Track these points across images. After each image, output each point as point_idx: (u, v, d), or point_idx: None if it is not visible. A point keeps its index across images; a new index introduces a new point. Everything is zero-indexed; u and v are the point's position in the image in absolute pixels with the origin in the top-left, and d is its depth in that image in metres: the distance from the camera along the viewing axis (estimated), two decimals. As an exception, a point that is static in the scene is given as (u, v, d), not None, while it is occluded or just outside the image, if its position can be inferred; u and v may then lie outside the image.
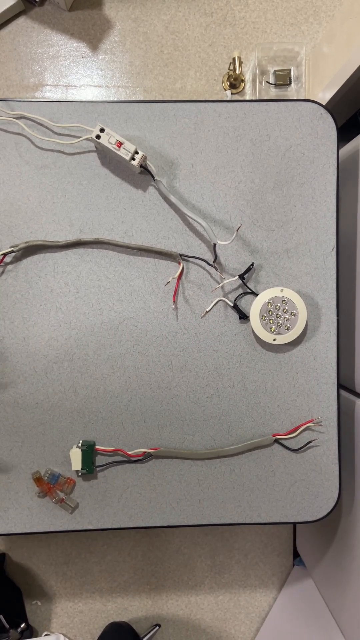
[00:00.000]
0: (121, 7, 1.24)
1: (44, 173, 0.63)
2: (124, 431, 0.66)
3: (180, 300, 0.65)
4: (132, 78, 1.25)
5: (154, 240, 0.64)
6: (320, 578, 1.04)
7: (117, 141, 0.59)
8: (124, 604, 1.28)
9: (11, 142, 0.63)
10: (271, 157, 0.65)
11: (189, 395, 0.66)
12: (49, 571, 1.27)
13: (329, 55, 1.12)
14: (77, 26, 1.24)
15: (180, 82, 1.26)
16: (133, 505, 0.67)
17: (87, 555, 1.27)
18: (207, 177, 0.64)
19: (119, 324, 0.65)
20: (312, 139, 0.64)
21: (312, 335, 0.66)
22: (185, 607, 1.28)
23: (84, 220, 0.64)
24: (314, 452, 0.67)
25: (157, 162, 0.64)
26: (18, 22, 1.23)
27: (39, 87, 1.25)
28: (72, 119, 0.63)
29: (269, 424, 0.67)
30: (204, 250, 0.65)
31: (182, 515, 0.67)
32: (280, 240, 0.65)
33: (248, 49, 1.26)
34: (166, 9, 1.25)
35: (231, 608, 1.29)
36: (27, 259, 0.64)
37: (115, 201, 0.64)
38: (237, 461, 0.67)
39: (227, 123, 0.64)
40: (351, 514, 0.81)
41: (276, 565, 1.30)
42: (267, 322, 0.64)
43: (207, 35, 1.25)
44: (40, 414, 0.65)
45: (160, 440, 0.66)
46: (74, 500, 0.66)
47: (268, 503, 0.68)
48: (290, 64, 1.23)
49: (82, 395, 0.65)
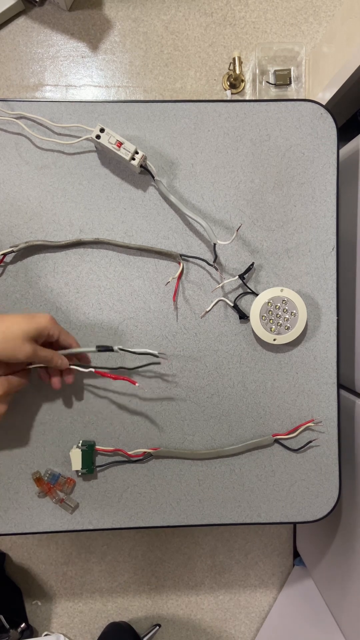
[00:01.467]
0: (121, 7, 1.24)
1: (44, 173, 0.63)
2: (124, 431, 0.66)
3: (180, 300, 0.65)
4: (132, 78, 1.25)
5: (154, 240, 0.64)
6: (320, 578, 1.04)
7: (117, 141, 0.59)
8: (124, 604, 1.28)
9: (11, 142, 0.63)
10: (271, 157, 0.65)
11: (189, 395, 0.66)
12: (49, 571, 1.27)
13: (329, 55, 1.13)
14: (77, 26, 1.24)
15: (180, 82, 1.26)
16: (133, 505, 0.67)
17: (87, 555, 1.27)
18: (207, 177, 0.64)
19: (119, 324, 0.65)
20: (312, 139, 0.64)
21: (312, 335, 0.66)
22: (186, 607, 1.28)
23: (84, 220, 0.64)
24: (314, 452, 0.67)
25: (157, 162, 0.64)
26: (18, 22, 1.23)
27: (39, 87, 1.25)
28: (72, 119, 0.63)
29: (269, 424, 0.67)
30: (204, 250, 0.65)
31: (182, 516, 0.67)
32: (280, 240, 0.65)
33: (248, 49, 1.26)
34: (166, 9, 1.25)
35: (231, 608, 1.29)
36: (27, 259, 0.64)
37: (115, 201, 0.64)
38: (237, 461, 0.67)
39: (227, 123, 0.64)
40: (351, 514, 0.81)
41: (276, 565, 1.30)
42: (267, 322, 0.64)
43: (207, 35, 1.25)
44: (40, 414, 0.65)
45: (160, 440, 0.66)
46: (74, 500, 0.66)
47: (268, 503, 0.68)
48: (290, 64, 1.23)
49: (82, 395, 0.65)
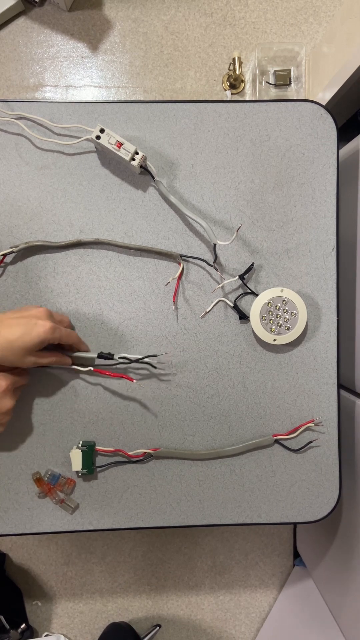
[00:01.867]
0: (121, 8, 1.24)
1: (44, 173, 0.63)
2: (124, 431, 0.66)
3: (181, 301, 0.65)
4: (132, 78, 1.25)
5: (154, 241, 0.64)
6: (320, 578, 1.04)
7: (117, 141, 0.59)
8: (124, 604, 1.28)
9: (11, 143, 0.63)
10: (271, 157, 0.65)
11: (189, 395, 0.66)
12: (49, 571, 1.27)
13: (329, 55, 1.12)
14: (77, 26, 1.24)
15: (180, 82, 1.26)
16: (133, 505, 0.67)
17: (87, 556, 1.27)
18: (207, 177, 0.64)
19: (119, 325, 0.65)
20: (312, 139, 0.64)
21: (312, 336, 0.66)
22: (186, 608, 1.28)
23: (84, 221, 0.64)
24: (314, 453, 0.67)
25: (157, 163, 0.64)
26: (18, 23, 1.23)
27: (39, 88, 1.25)
28: (72, 120, 0.63)
29: (269, 424, 0.67)
30: (204, 250, 0.65)
31: (183, 516, 0.67)
32: (280, 240, 0.65)
33: (248, 49, 1.26)
34: (166, 9, 1.25)
35: (231, 608, 1.29)
36: (27, 260, 0.64)
37: (115, 201, 0.64)
38: (238, 461, 0.67)
39: (227, 123, 0.64)
40: (351, 514, 0.81)
41: (276, 565, 1.30)
42: (267, 323, 0.64)
43: (207, 35, 1.25)
44: (40, 414, 0.65)
45: (161, 441, 0.66)
46: (74, 500, 0.66)
47: (268, 503, 0.68)
48: (290, 64, 1.23)
49: (82, 395, 0.65)
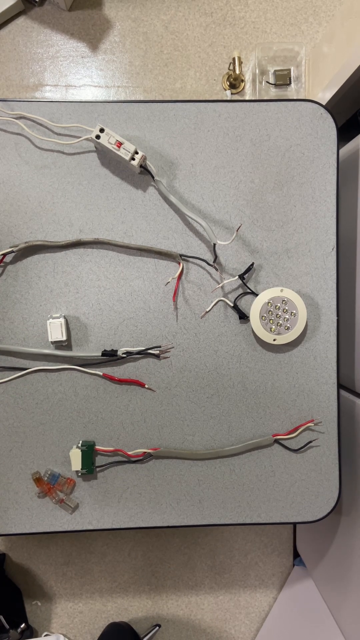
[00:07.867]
0: (121, 7, 1.24)
1: (43, 173, 0.63)
2: (124, 431, 0.66)
3: (180, 301, 0.65)
4: (132, 78, 1.25)
5: (153, 241, 0.64)
6: (320, 578, 1.04)
7: (117, 141, 0.59)
8: (124, 604, 1.27)
9: (11, 142, 0.63)
10: (271, 157, 0.64)
11: (189, 395, 0.66)
12: (49, 571, 1.27)
13: (329, 55, 1.12)
14: (77, 26, 1.24)
15: (180, 82, 1.26)
16: (133, 505, 0.67)
17: (87, 556, 1.27)
18: (207, 177, 0.64)
19: (119, 324, 0.65)
20: (312, 139, 0.64)
21: (312, 335, 0.66)
22: (186, 607, 1.28)
23: (83, 220, 0.64)
24: (314, 452, 0.67)
25: (157, 162, 0.64)
26: (18, 22, 1.23)
27: (39, 87, 1.25)
28: (72, 119, 0.63)
29: (269, 424, 0.67)
30: (204, 250, 0.65)
31: (182, 516, 0.67)
32: (280, 240, 0.65)
33: (248, 49, 1.26)
34: (166, 9, 1.25)
35: (231, 608, 1.28)
36: (27, 259, 0.64)
37: (115, 201, 0.64)
38: (237, 461, 0.67)
39: (227, 123, 0.64)
40: (351, 514, 0.81)
41: (276, 565, 1.30)
42: (267, 322, 0.64)
43: (207, 35, 1.25)
44: (40, 414, 0.65)
45: (160, 441, 0.66)
46: (74, 500, 0.66)
47: (268, 503, 0.68)
48: (290, 64, 1.23)
49: (82, 395, 0.65)
